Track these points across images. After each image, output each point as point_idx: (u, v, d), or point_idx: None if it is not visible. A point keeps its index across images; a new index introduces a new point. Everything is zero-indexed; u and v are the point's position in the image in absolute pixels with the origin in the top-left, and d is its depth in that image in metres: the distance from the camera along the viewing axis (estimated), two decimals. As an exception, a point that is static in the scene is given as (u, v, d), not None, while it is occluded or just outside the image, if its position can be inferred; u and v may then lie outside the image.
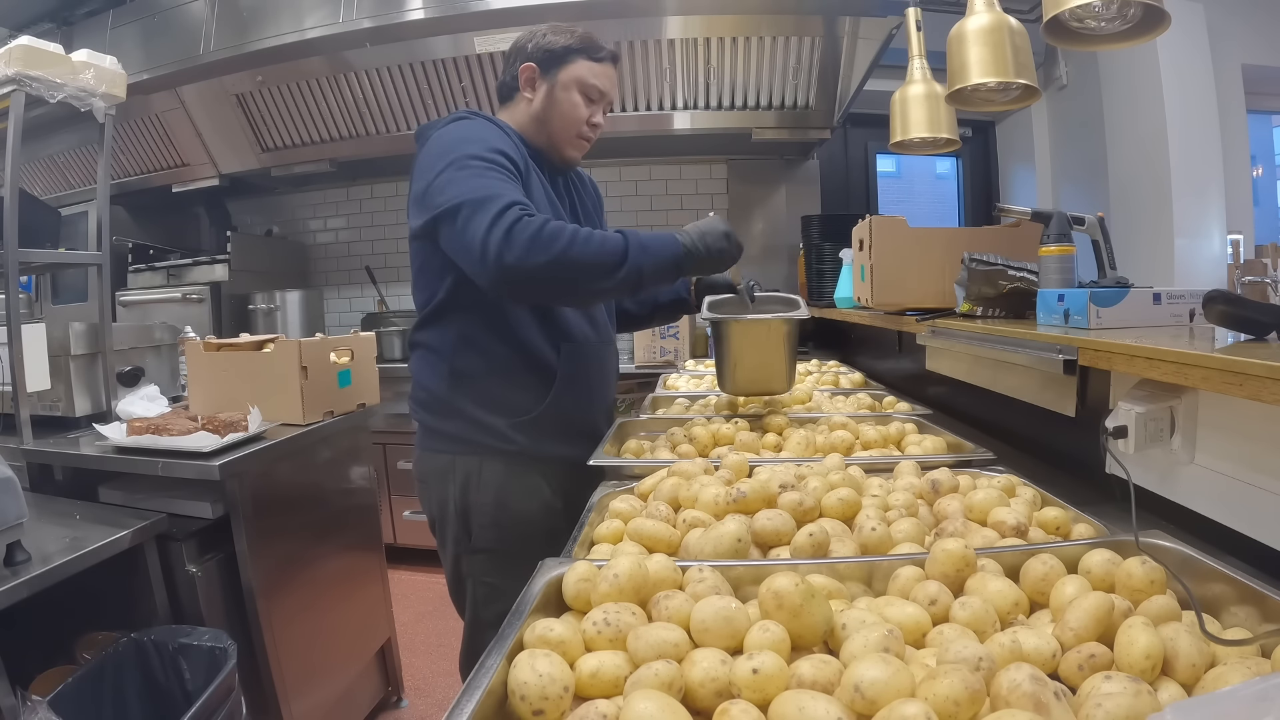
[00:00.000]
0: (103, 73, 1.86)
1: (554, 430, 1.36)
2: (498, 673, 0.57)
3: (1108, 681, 0.52)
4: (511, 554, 1.29)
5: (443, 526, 1.39)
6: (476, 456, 1.34)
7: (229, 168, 3.58)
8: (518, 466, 1.35)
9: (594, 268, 1.14)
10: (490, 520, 1.34)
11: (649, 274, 1.19)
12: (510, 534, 1.33)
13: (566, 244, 1.11)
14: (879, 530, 0.82)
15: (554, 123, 1.38)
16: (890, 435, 1.34)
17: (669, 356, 3.07)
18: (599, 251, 1.14)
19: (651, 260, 1.19)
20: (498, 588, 1.32)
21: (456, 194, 1.14)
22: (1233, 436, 0.82)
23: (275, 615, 1.72)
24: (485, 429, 1.34)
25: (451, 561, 1.39)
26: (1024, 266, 1.45)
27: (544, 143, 1.40)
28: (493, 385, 1.33)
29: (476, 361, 1.33)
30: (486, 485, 1.34)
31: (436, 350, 1.35)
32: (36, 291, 3.13)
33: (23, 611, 1.23)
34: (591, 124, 1.40)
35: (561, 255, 1.10)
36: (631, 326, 1.75)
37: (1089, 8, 1.20)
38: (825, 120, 3.21)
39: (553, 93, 1.37)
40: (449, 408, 1.34)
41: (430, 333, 1.36)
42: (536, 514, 1.35)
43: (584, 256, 1.13)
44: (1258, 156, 3.46)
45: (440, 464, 1.36)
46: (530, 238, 1.09)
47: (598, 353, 1.46)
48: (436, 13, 2.73)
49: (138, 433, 1.68)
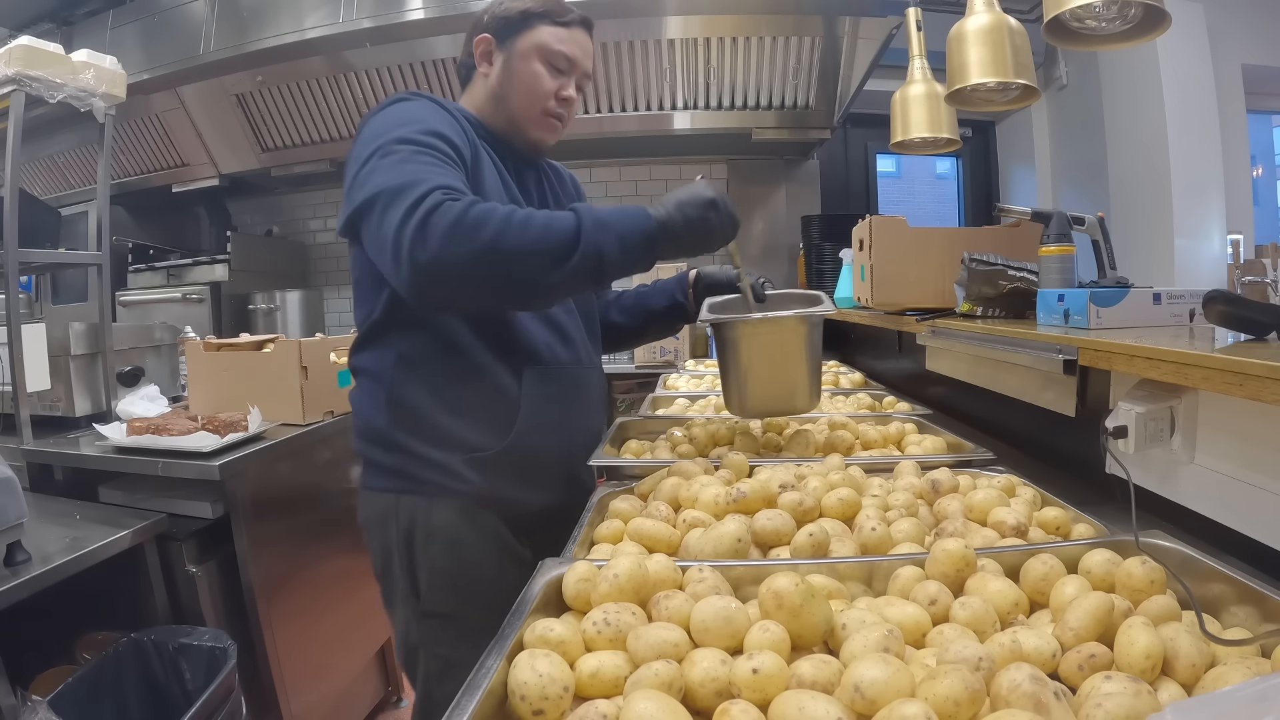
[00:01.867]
0: (103, 73, 1.86)
1: (520, 471, 1.14)
2: (498, 673, 0.57)
3: (1108, 681, 0.52)
4: (470, 620, 1.04)
5: (387, 583, 1.15)
6: (423, 496, 1.11)
7: (229, 168, 3.57)
8: (473, 510, 1.11)
9: (536, 256, 0.92)
10: (444, 580, 1.10)
11: (612, 257, 0.95)
12: (469, 595, 1.09)
13: (497, 229, 0.89)
14: (879, 530, 0.82)
15: (513, 99, 1.17)
16: (890, 435, 1.34)
17: (669, 356, 3.07)
18: (542, 235, 0.92)
19: (614, 239, 0.95)
20: (453, 662, 1.05)
21: (375, 185, 0.95)
22: (1233, 436, 0.82)
23: (275, 615, 1.72)
24: (432, 465, 1.11)
25: (400, 625, 1.15)
26: (1024, 266, 1.45)
27: (504, 125, 1.20)
28: (440, 418, 1.11)
29: (419, 390, 1.11)
30: (437, 533, 1.10)
31: (374, 376, 1.14)
32: (36, 291, 3.12)
33: (23, 611, 1.23)
34: (561, 98, 1.18)
35: (491, 244, 0.89)
36: (623, 344, 1.54)
37: (1089, 8, 1.20)
38: (825, 120, 3.21)
39: (510, 64, 1.17)
40: (389, 441, 1.12)
41: (368, 356, 1.16)
42: (500, 568, 1.11)
43: (521, 243, 0.91)
44: (1258, 156, 3.47)
45: (381, 505, 1.13)
46: (450, 226, 0.88)
47: (573, 377, 1.22)
48: (436, 13, 2.73)
49: (138, 433, 1.68)
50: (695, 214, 1.00)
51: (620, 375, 3.05)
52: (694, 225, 1.00)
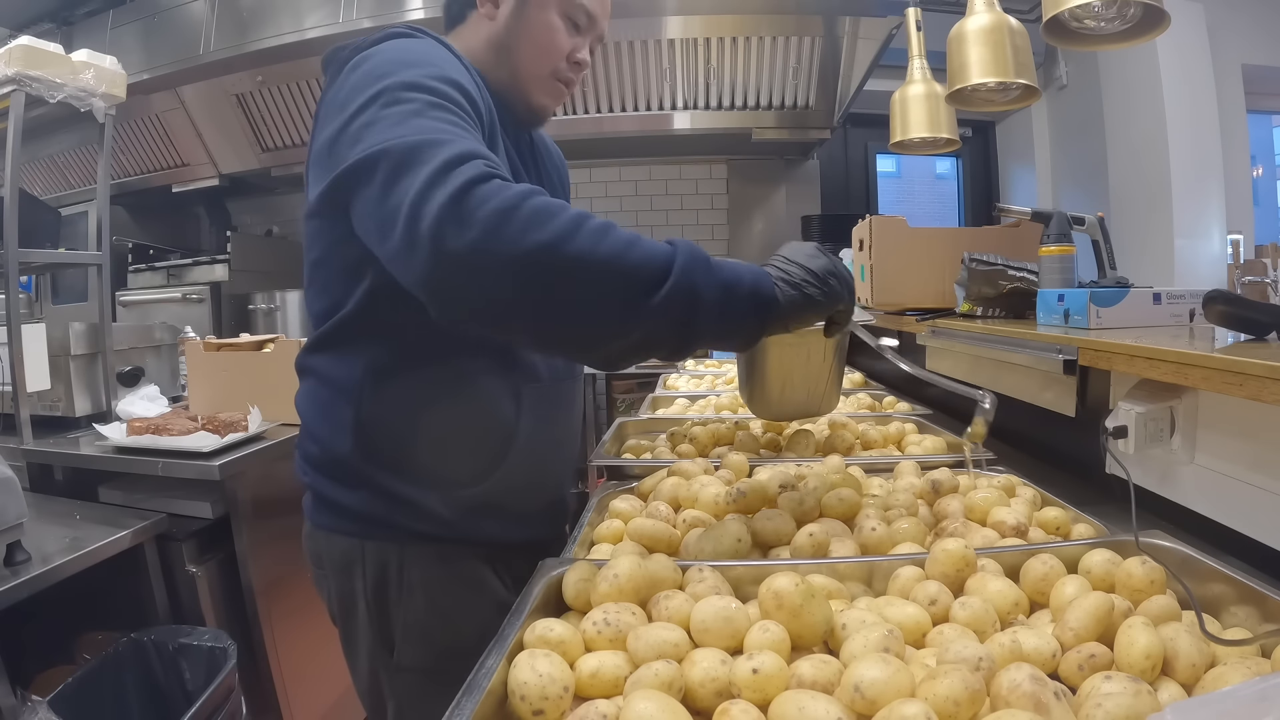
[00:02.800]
0: (103, 73, 1.86)
1: (505, 505, 0.96)
2: (498, 673, 0.57)
3: (1108, 681, 0.52)
4: (448, 672, 0.77)
5: (349, 630, 0.98)
6: (395, 544, 0.92)
7: (229, 168, 3.57)
8: (454, 555, 0.94)
9: (611, 274, 0.67)
10: (420, 633, 0.93)
11: (709, 303, 0.70)
12: (447, 648, 0.91)
13: (566, 229, 0.65)
14: (879, 530, 0.82)
15: (522, 51, 0.97)
16: (890, 435, 1.34)
17: (669, 356, 3.06)
18: (623, 250, 0.67)
19: (716, 283, 0.70)
20: (432, 716, 0.86)
21: (377, 140, 0.71)
22: (1233, 436, 0.82)
23: (275, 615, 1.72)
24: (406, 506, 0.92)
25: (366, 675, 0.98)
26: (1024, 266, 1.45)
27: (505, 81, 0.98)
28: (421, 446, 0.91)
29: (394, 411, 0.90)
30: (412, 585, 0.93)
31: (337, 387, 0.92)
32: (36, 291, 3.12)
33: (23, 611, 1.23)
34: (574, 60, 1.00)
35: (554, 244, 0.65)
36: None
37: (1089, 8, 1.20)
38: (825, 120, 3.21)
39: (524, 10, 0.96)
40: (355, 475, 0.92)
41: (328, 359, 0.93)
42: (485, 616, 0.87)
43: (595, 252, 0.66)
44: (1258, 156, 3.46)
45: (342, 550, 0.95)
46: (500, 210, 0.65)
47: (567, 395, 1.05)
48: (436, 13, 2.72)
49: (138, 433, 1.68)
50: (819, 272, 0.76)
51: (620, 375, 3.04)
52: (818, 285, 0.76)
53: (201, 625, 1.57)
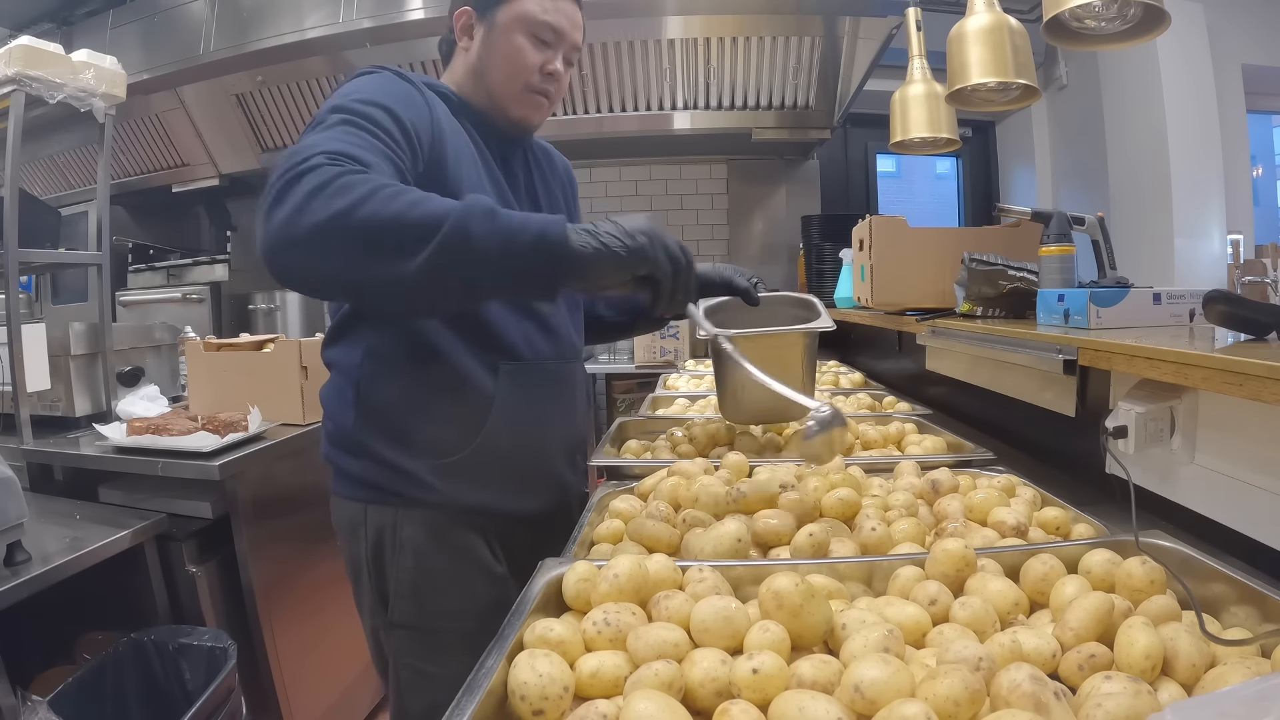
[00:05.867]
0: (103, 73, 1.86)
1: (493, 476, 1.07)
2: (498, 673, 0.57)
3: (1108, 681, 0.52)
4: (438, 633, 1.04)
5: (358, 592, 1.12)
6: (390, 508, 1.06)
7: (229, 168, 3.57)
8: (443, 521, 1.06)
9: (394, 229, 0.76)
10: (409, 589, 1.06)
11: (482, 247, 0.78)
12: (433, 608, 1.05)
13: (362, 196, 0.76)
14: (879, 530, 0.82)
15: (493, 73, 1.10)
16: (890, 435, 1.34)
17: (669, 356, 3.07)
18: (407, 208, 0.77)
19: (497, 229, 0.78)
20: (425, 674, 1.04)
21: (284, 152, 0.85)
22: (1233, 436, 0.82)
23: (275, 615, 1.72)
24: (399, 474, 1.05)
25: (370, 634, 1.13)
26: (1024, 266, 1.46)
27: (485, 101, 1.12)
28: (408, 417, 1.05)
29: (388, 387, 1.05)
30: (403, 545, 1.06)
31: (344, 371, 1.08)
32: (36, 291, 3.12)
33: (23, 611, 1.23)
34: (546, 73, 1.10)
35: (349, 209, 0.75)
36: (609, 337, 1.45)
37: (1089, 8, 1.20)
38: (825, 120, 3.21)
39: (490, 37, 1.09)
40: (357, 445, 1.06)
41: (339, 350, 1.10)
42: (472, 582, 1.07)
43: (382, 213, 0.76)
44: (1258, 156, 3.46)
45: (350, 514, 1.09)
46: (314, 189, 0.76)
47: (555, 374, 1.15)
48: (436, 13, 2.73)
49: (138, 433, 1.68)
50: (629, 228, 0.83)
51: (620, 375, 3.05)
52: (621, 239, 0.82)
53: (201, 625, 1.57)
